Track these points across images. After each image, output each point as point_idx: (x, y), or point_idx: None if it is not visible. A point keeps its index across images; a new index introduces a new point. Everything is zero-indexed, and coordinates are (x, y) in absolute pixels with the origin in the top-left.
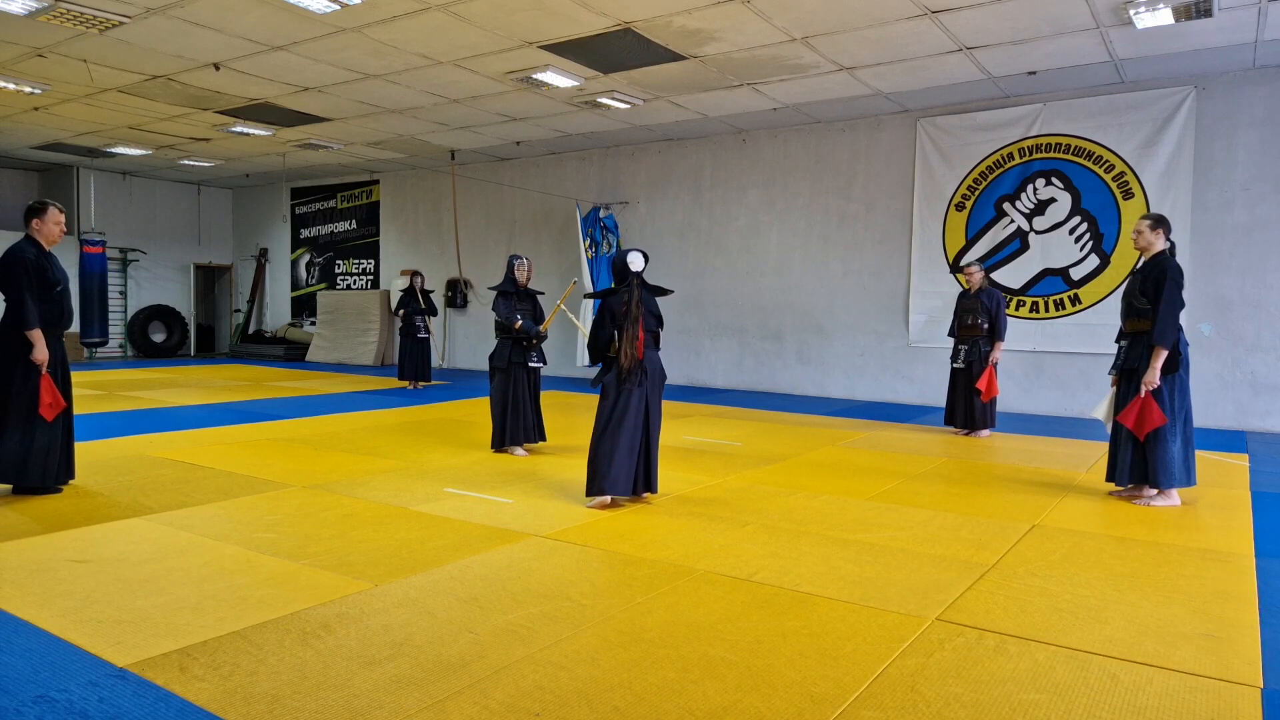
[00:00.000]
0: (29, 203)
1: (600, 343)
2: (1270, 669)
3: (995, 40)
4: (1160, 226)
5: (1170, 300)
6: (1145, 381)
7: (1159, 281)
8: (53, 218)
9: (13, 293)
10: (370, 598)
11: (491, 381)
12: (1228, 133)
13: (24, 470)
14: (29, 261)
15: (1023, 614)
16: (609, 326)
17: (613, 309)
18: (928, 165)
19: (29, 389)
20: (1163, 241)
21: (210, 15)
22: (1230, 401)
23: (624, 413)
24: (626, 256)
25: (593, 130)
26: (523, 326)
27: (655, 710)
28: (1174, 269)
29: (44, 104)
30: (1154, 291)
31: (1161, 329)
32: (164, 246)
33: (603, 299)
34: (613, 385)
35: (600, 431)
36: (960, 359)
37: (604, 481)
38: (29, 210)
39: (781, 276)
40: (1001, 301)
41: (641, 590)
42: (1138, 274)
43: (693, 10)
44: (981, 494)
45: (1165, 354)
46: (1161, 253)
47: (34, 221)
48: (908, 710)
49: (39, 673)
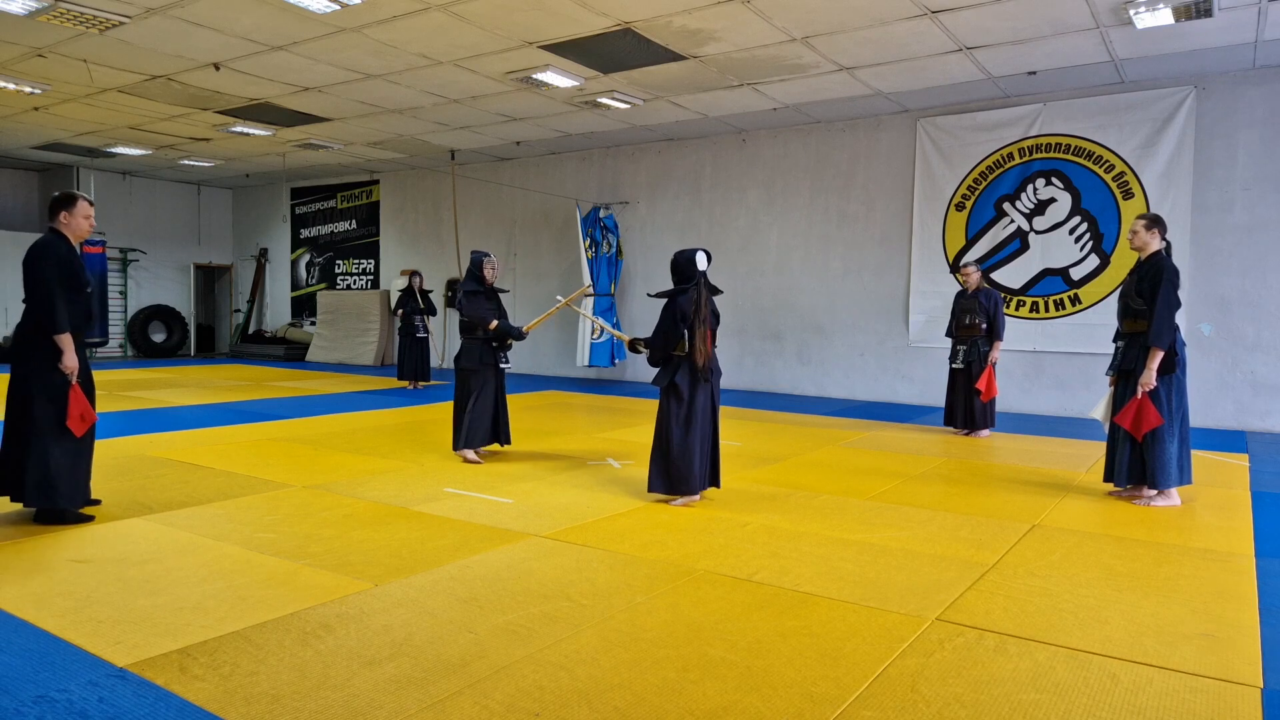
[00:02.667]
0: (55, 194)
1: (671, 342)
2: (1270, 669)
3: (995, 40)
4: (1155, 226)
5: (1166, 301)
6: (1141, 383)
7: (1155, 282)
8: (82, 210)
9: (41, 291)
10: (370, 598)
11: (460, 383)
12: (1228, 133)
13: (53, 492)
14: (61, 258)
15: (1023, 614)
16: (680, 326)
17: (682, 309)
18: (928, 165)
19: (56, 401)
20: (1158, 241)
21: (210, 15)
22: (1230, 401)
23: (697, 411)
24: (694, 255)
25: (593, 130)
26: (500, 326)
27: (655, 710)
28: (1169, 269)
29: (44, 104)
30: (1150, 292)
31: (1157, 330)
32: (164, 246)
33: (671, 299)
34: (685, 384)
35: (676, 431)
36: (959, 359)
37: (692, 481)
38: (56, 201)
39: (781, 276)
40: (999, 301)
41: (641, 590)
42: (1134, 274)
43: (693, 10)
44: (981, 494)
45: (1161, 355)
46: (1157, 253)
47: (61, 214)
48: (908, 710)
49: (39, 673)
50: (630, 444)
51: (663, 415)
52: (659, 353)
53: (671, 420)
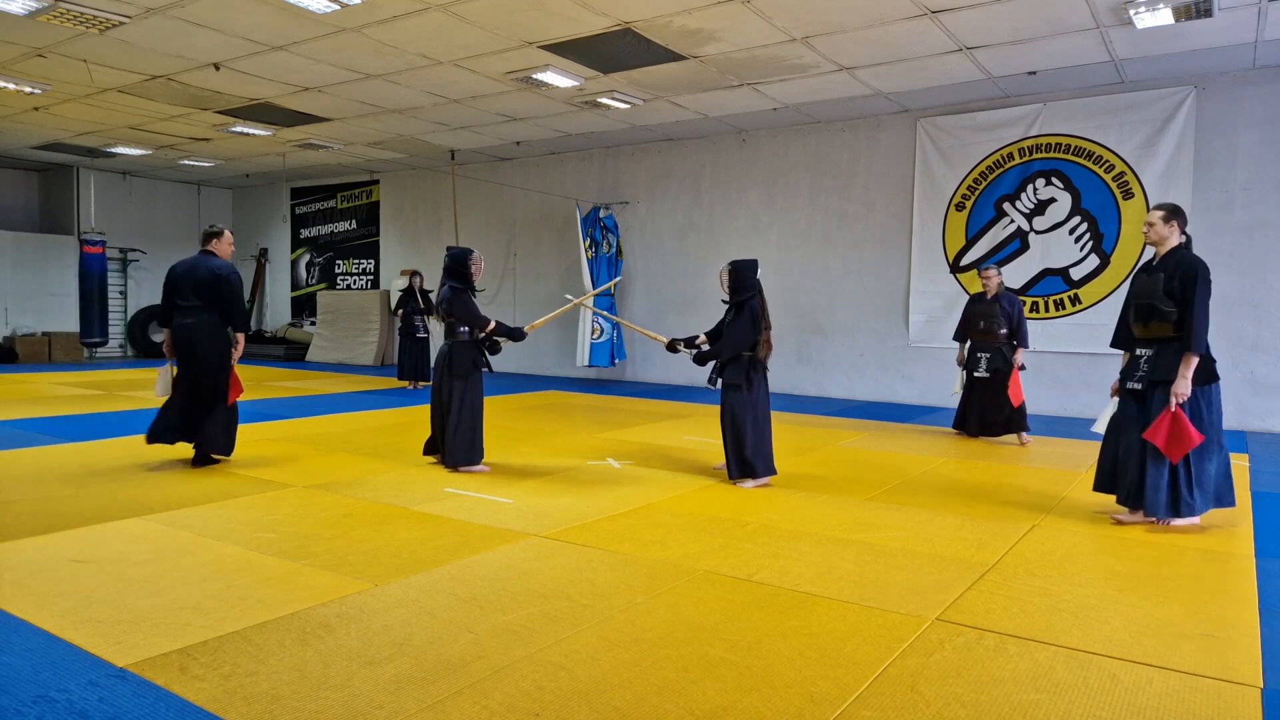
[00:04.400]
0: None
1: (747, 342)
2: (1270, 669)
3: (995, 40)
4: (1175, 218)
5: (1202, 302)
6: (1176, 393)
7: (1187, 281)
8: (227, 239)
9: (239, 303)
10: (370, 598)
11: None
12: (1228, 133)
13: (229, 443)
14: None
15: (1023, 614)
16: (758, 326)
17: (757, 312)
18: (928, 165)
19: (225, 379)
20: (1178, 235)
21: (210, 15)
22: (1230, 401)
23: (761, 400)
24: (756, 265)
25: (593, 130)
26: (498, 327)
27: (655, 710)
28: (1203, 267)
29: (44, 104)
30: (1181, 292)
31: (1197, 333)
32: (164, 246)
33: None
34: (759, 379)
35: (751, 420)
36: (982, 367)
37: (771, 463)
38: (208, 234)
39: (781, 276)
40: (1020, 305)
41: (641, 590)
42: (1156, 271)
43: (693, 10)
44: (981, 494)
45: (1197, 361)
46: (1179, 248)
47: (213, 241)
48: (908, 710)
49: (39, 673)
50: (630, 444)
51: (735, 408)
52: (732, 352)
53: (746, 411)
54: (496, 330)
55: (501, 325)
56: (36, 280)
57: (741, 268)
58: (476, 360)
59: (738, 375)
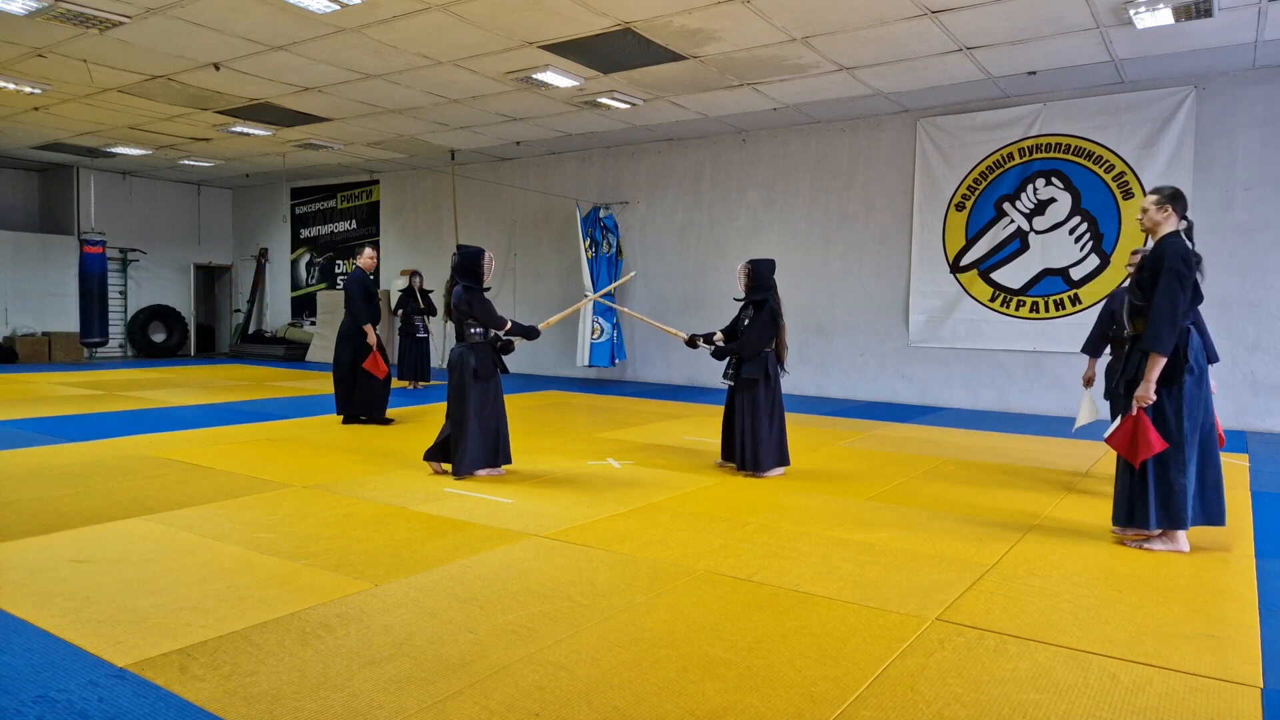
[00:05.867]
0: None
1: (768, 339)
2: (1270, 669)
3: (995, 40)
4: (1169, 203)
5: (1167, 293)
6: (1138, 397)
7: (1157, 271)
8: (367, 253)
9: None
10: (370, 598)
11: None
12: (1228, 133)
13: (380, 409)
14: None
15: (1023, 614)
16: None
17: (776, 310)
18: (928, 165)
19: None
20: (1174, 221)
21: (210, 15)
22: (1230, 401)
23: (778, 394)
24: (774, 264)
25: (593, 130)
26: (514, 327)
27: (655, 710)
28: (1177, 255)
29: (44, 104)
30: (1151, 283)
31: (1155, 331)
32: (164, 246)
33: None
34: (776, 375)
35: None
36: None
37: (787, 454)
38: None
39: (781, 276)
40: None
41: (641, 590)
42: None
43: (693, 10)
44: (981, 494)
45: (1162, 362)
46: (1170, 235)
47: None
48: (908, 710)
49: (39, 673)
50: (630, 444)
51: (757, 403)
52: (755, 349)
53: (768, 404)
54: (513, 330)
55: (518, 325)
56: (36, 280)
57: (761, 266)
58: (496, 361)
59: (756, 371)
